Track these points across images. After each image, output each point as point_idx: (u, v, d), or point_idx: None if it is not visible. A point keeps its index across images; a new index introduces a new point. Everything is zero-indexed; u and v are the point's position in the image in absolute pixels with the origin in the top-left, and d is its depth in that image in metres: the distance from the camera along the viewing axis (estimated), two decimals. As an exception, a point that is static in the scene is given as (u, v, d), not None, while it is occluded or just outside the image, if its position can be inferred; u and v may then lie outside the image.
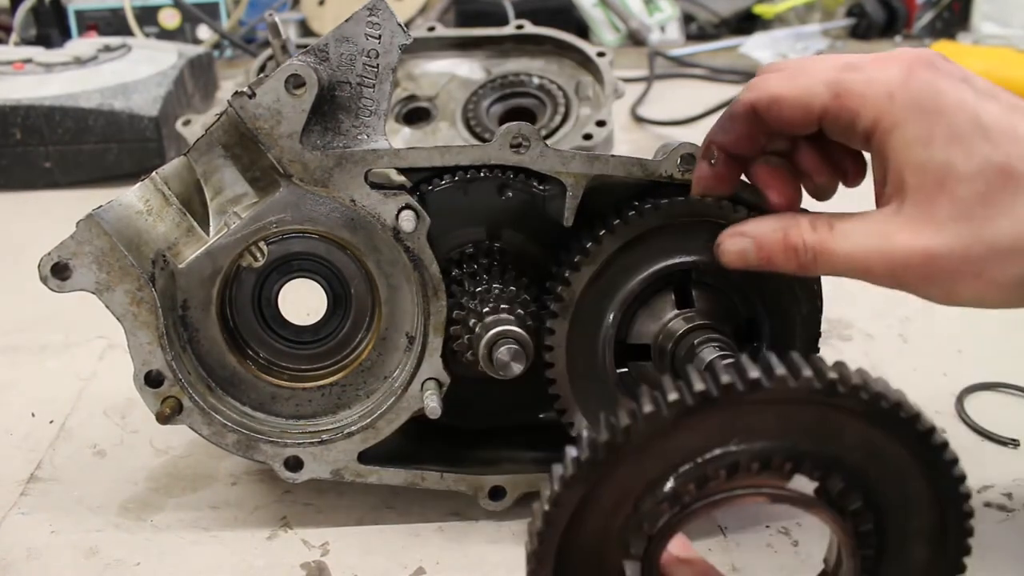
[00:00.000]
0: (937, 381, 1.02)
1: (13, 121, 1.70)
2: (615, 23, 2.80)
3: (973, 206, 0.61)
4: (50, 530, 0.82)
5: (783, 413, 0.50)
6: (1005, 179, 0.61)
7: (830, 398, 0.49)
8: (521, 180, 0.77)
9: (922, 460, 0.52)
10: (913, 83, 0.63)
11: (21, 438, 0.96)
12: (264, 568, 0.78)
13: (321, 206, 0.76)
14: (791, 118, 0.68)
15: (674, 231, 0.74)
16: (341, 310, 0.82)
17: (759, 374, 0.48)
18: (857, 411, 0.50)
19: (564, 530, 0.51)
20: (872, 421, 0.50)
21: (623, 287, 0.75)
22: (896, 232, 0.63)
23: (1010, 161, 0.61)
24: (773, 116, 0.68)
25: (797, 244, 0.67)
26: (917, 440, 0.51)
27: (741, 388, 0.48)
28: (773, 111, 0.68)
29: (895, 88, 0.64)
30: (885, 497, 0.53)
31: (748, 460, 0.50)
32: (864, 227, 0.66)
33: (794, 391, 0.48)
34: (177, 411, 0.77)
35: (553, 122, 1.65)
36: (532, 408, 0.86)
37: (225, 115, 0.74)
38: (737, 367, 0.49)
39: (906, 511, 0.54)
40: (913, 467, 0.52)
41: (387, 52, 0.73)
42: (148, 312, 0.74)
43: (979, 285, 0.63)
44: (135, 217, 0.75)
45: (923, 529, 0.54)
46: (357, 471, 0.80)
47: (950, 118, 0.62)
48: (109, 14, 2.55)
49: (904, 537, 0.54)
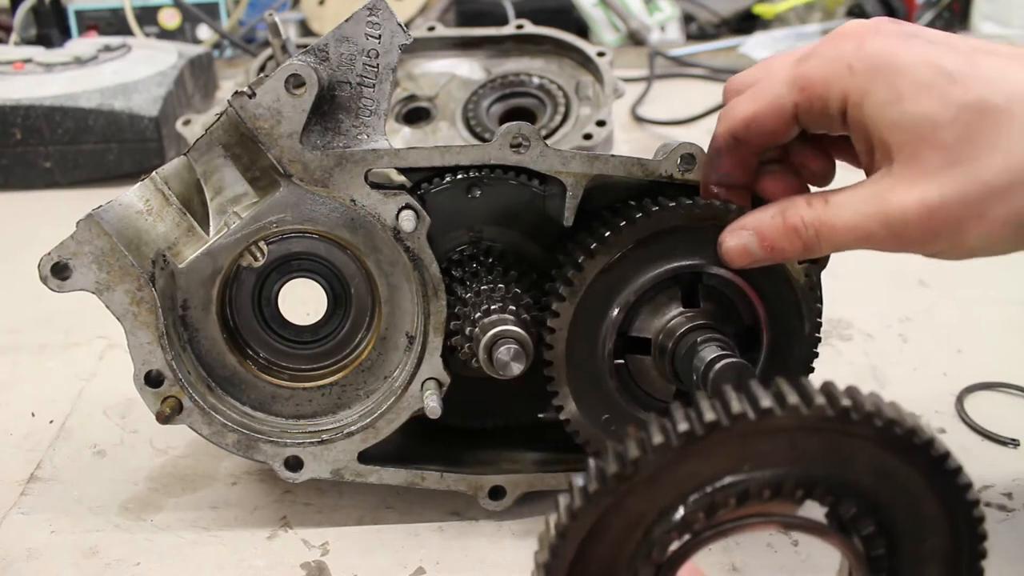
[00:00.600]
0: (937, 381, 1.02)
1: (13, 121, 1.70)
2: (615, 23, 2.80)
3: (960, 149, 0.61)
4: (50, 530, 0.82)
5: (794, 440, 0.50)
6: (983, 116, 0.61)
7: (844, 425, 0.48)
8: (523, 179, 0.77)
9: (936, 484, 0.51)
10: (867, 49, 0.64)
11: (21, 438, 0.96)
12: (264, 568, 0.78)
13: (321, 206, 0.77)
14: (771, 129, 0.69)
15: (692, 232, 0.74)
16: (341, 310, 0.82)
17: (771, 402, 0.47)
18: (870, 437, 0.49)
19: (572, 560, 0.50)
20: (885, 446, 0.50)
21: (634, 281, 0.75)
22: (889, 191, 0.63)
23: (984, 97, 0.61)
24: (754, 135, 0.70)
25: (797, 224, 0.67)
26: (931, 465, 0.50)
27: (752, 416, 0.47)
28: (752, 131, 0.69)
29: (851, 59, 0.64)
30: (897, 521, 0.52)
31: (759, 487, 0.50)
32: (859, 194, 0.66)
33: (806, 419, 0.47)
34: (177, 411, 0.77)
35: (553, 122, 1.65)
36: (532, 407, 0.86)
37: (225, 115, 0.74)
38: (748, 394, 0.48)
39: (919, 534, 0.53)
40: (926, 491, 0.51)
41: (387, 52, 0.73)
42: (148, 312, 0.74)
43: (984, 227, 0.62)
44: (135, 217, 0.75)
45: (936, 552, 0.54)
46: (357, 471, 0.80)
47: (913, 72, 0.62)
48: (109, 14, 2.55)
49: (917, 560, 0.54)
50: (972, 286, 1.22)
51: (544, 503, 0.83)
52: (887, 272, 1.26)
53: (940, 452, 0.50)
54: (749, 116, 0.69)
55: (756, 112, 0.69)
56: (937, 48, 0.63)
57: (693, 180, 0.75)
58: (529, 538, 0.81)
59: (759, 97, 0.69)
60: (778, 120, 0.68)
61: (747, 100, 0.70)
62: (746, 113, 0.69)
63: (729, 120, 0.71)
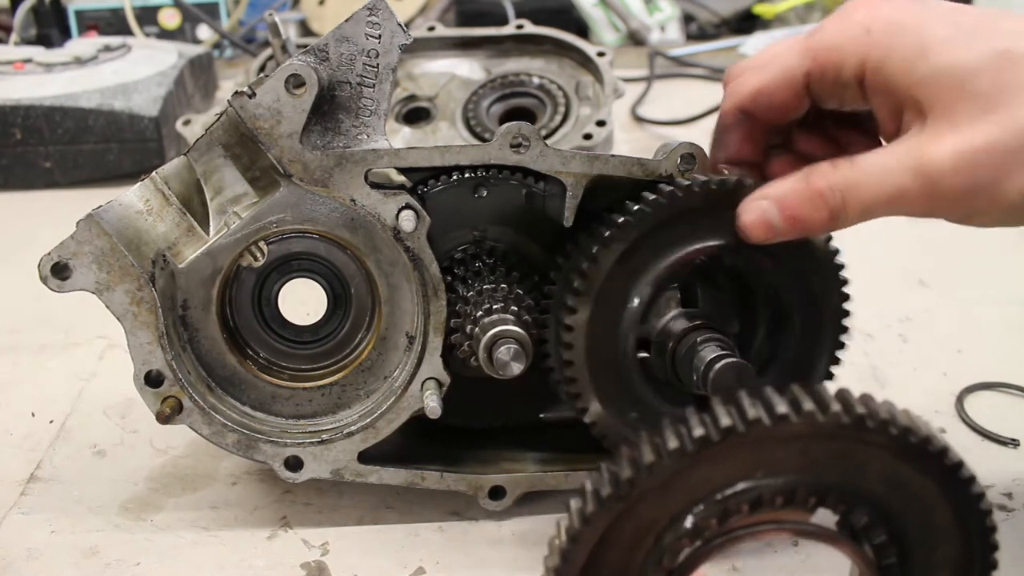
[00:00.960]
0: (937, 381, 1.02)
1: (13, 121, 1.70)
2: (615, 23, 2.79)
3: (995, 96, 0.59)
4: (50, 530, 0.82)
5: (808, 447, 0.49)
6: (1015, 63, 0.59)
7: (858, 433, 0.48)
8: (519, 179, 0.77)
9: (949, 493, 0.51)
10: (883, 13, 0.62)
11: (21, 438, 0.96)
12: (264, 568, 0.78)
13: (321, 206, 0.77)
14: (781, 102, 0.66)
15: (709, 212, 0.70)
16: (341, 310, 0.82)
17: (787, 408, 0.47)
18: (884, 445, 0.49)
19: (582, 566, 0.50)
20: (899, 455, 0.49)
21: (652, 269, 0.72)
22: (927, 145, 0.60)
23: (1010, 47, 0.59)
24: (763, 108, 0.67)
25: (822, 187, 0.63)
26: (945, 474, 0.50)
27: (768, 422, 0.47)
28: (761, 103, 0.67)
29: (867, 23, 0.62)
30: (909, 530, 0.52)
31: (771, 494, 0.50)
32: (891, 152, 0.62)
33: (822, 426, 0.47)
34: (177, 411, 0.77)
35: (553, 122, 1.65)
36: (532, 407, 0.86)
37: (225, 115, 0.74)
38: (763, 400, 0.48)
39: (930, 543, 0.53)
40: (939, 500, 0.51)
41: (387, 52, 0.73)
42: (148, 312, 0.74)
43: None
44: (135, 217, 0.75)
45: (947, 561, 0.53)
46: (357, 471, 0.80)
47: (935, 28, 0.61)
48: (109, 14, 2.55)
49: (928, 569, 0.53)
50: (972, 286, 1.22)
51: (544, 503, 0.83)
52: (887, 272, 1.26)
53: (954, 461, 0.50)
54: (758, 88, 0.67)
55: (766, 83, 0.66)
56: (952, 9, 0.62)
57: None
58: (529, 538, 0.81)
59: (768, 69, 0.67)
60: (788, 91, 0.66)
61: (755, 72, 0.68)
62: (755, 85, 0.67)
63: (737, 94, 0.68)
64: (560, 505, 0.83)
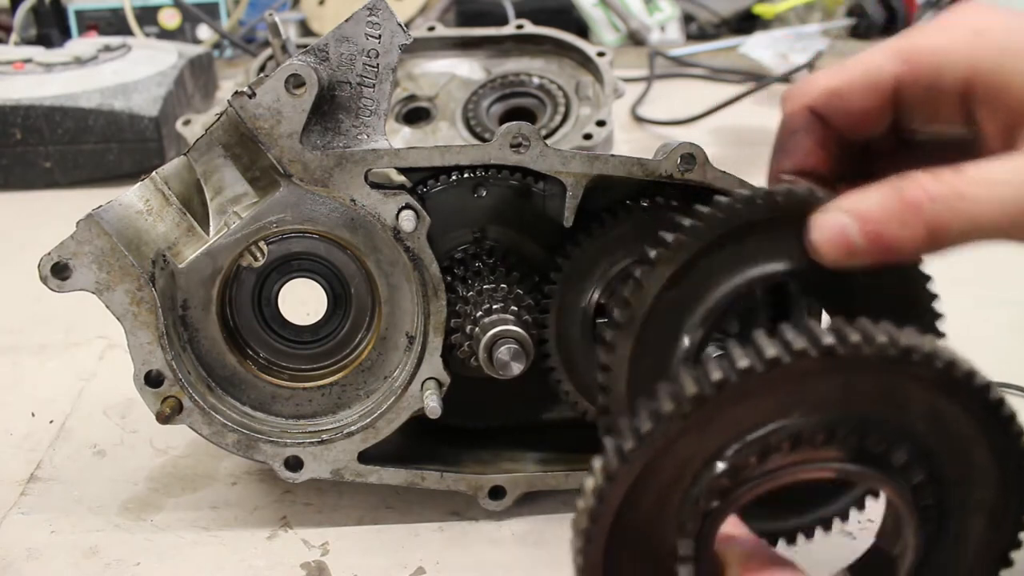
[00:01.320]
0: (937, 381, 1.01)
1: (13, 121, 1.70)
2: (615, 23, 2.80)
3: None
4: (50, 530, 0.82)
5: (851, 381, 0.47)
6: None
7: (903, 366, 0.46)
8: (519, 178, 0.77)
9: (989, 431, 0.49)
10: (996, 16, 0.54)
11: (21, 438, 0.96)
12: (264, 568, 0.78)
13: (321, 206, 0.77)
14: (860, 107, 0.57)
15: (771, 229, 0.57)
16: (341, 310, 0.82)
17: (833, 339, 0.45)
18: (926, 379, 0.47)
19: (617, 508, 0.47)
20: (941, 390, 0.47)
21: (706, 298, 0.58)
22: None
23: None
24: (837, 111, 0.58)
25: (919, 199, 0.50)
26: (986, 410, 0.48)
27: (814, 353, 0.45)
28: (835, 105, 0.58)
29: (975, 25, 0.54)
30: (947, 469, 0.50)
31: (812, 431, 0.47)
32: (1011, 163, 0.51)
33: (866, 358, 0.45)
34: (177, 411, 0.77)
35: (553, 122, 1.65)
36: (532, 407, 0.86)
37: (225, 115, 0.74)
38: (808, 332, 0.46)
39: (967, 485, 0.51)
40: (979, 438, 0.49)
41: (387, 52, 0.73)
42: (148, 312, 0.74)
43: None
44: (135, 217, 0.75)
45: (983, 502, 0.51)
46: (357, 471, 0.80)
47: None
48: (109, 14, 2.55)
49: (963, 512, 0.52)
50: (972, 286, 1.22)
51: (544, 503, 0.83)
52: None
53: (996, 397, 0.48)
54: (833, 86, 0.57)
55: (844, 81, 0.57)
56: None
57: (694, 180, 0.73)
58: (529, 538, 0.81)
59: (850, 69, 0.57)
60: (870, 95, 0.56)
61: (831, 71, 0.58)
62: (830, 83, 0.57)
63: (806, 93, 0.59)
64: (560, 505, 0.83)
